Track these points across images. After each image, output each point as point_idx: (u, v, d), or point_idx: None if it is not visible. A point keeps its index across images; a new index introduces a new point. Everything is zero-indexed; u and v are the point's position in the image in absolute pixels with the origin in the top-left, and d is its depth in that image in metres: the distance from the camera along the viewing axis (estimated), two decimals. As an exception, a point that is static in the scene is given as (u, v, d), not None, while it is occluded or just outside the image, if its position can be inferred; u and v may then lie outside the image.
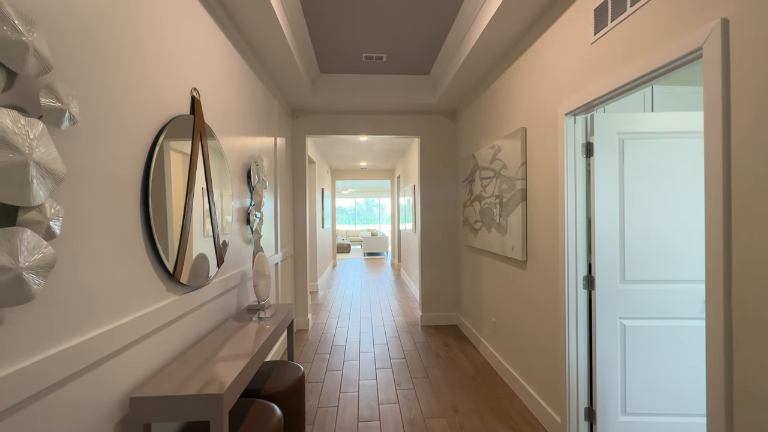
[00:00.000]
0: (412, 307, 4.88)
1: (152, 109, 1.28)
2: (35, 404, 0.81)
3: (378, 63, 3.31)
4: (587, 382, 1.88)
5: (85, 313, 0.96)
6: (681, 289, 1.79)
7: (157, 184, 1.28)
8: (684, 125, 1.79)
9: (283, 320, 1.96)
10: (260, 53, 2.51)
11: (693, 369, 1.79)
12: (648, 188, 1.80)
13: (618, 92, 1.53)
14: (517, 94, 2.49)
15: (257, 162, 2.44)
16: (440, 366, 2.98)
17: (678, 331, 1.79)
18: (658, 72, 1.31)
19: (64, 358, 0.87)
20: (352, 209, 20.77)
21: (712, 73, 1.08)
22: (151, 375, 1.24)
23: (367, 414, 2.27)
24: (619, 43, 1.50)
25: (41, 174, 0.76)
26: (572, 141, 1.88)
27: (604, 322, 1.82)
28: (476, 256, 3.42)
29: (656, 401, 1.80)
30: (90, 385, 0.97)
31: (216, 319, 1.81)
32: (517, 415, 2.25)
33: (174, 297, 1.40)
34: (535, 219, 2.24)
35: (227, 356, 1.40)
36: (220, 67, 1.93)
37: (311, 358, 3.17)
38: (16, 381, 0.76)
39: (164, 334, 1.33)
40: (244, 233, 2.27)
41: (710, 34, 1.09)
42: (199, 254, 1.61)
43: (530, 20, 2.18)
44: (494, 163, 2.83)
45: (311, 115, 3.94)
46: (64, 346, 0.88)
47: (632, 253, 1.80)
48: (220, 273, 1.87)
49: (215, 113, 1.86)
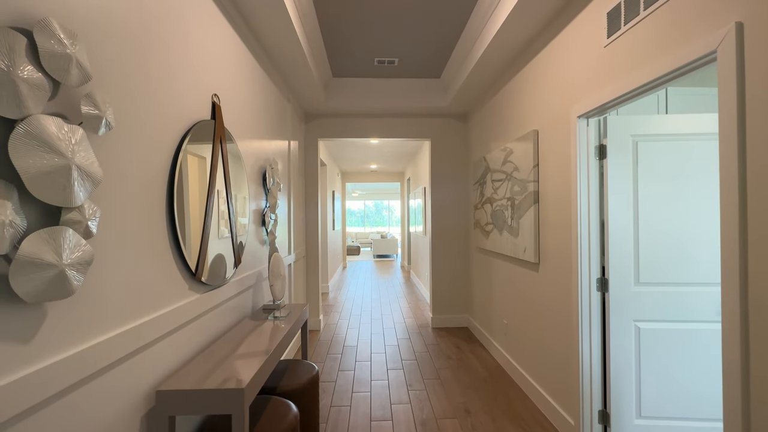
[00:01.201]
0: (423, 309, 4.88)
1: (177, 114, 1.33)
2: (72, 394, 0.86)
3: (390, 67, 3.35)
4: (601, 385, 1.87)
5: (117, 309, 1.01)
6: (697, 292, 1.77)
7: (181, 187, 1.34)
8: (698, 127, 1.78)
9: (297, 320, 2.00)
10: (275, 58, 2.57)
11: (709, 373, 1.77)
12: (662, 190, 1.79)
13: (631, 95, 1.54)
14: (528, 97, 2.50)
15: (272, 165, 2.49)
16: (451, 367, 2.98)
17: (694, 334, 1.77)
18: (671, 75, 1.32)
19: (99, 351, 0.92)
20: (362, 211, 20.84)
21: (727, 76, 1.08)
22: (175, 370, 1.29)
23: (380, 414, 2.29)
24: (633, 46, 1.51)
25: (81, 177, 0.82)
26: (585, 143, 1.89)
27: (618, 324, 1.81)
28: (487, 258, 3.42)
29: (672, 405, 1.78)
30: (120, 377, 1.02)
31: (234, 317, 1.86)
32: (529, 416, 2.25)
33: (196, 295, 1.45)
34: (547, 221, 2.24)
35: (246, 353, 1.44)
36: (238, 72, 1.99)
37: (323, 358, 3.20)
38: (57, 371, 0.81)
39: (187, 331, 1.38)
40: (259, 234, 2.32)
41: (725, 38, 1.09)
42: (218, 254, 1.67)
43: (542, 24, 2.20)
44: (506, 165, 2.84)
45: (323, 119, 4.00)
46: (99, 340, 0.94)
47: (646, 256, 1.80)
48: (237, 273, 1.92)
49: (233, 118, 1.92)
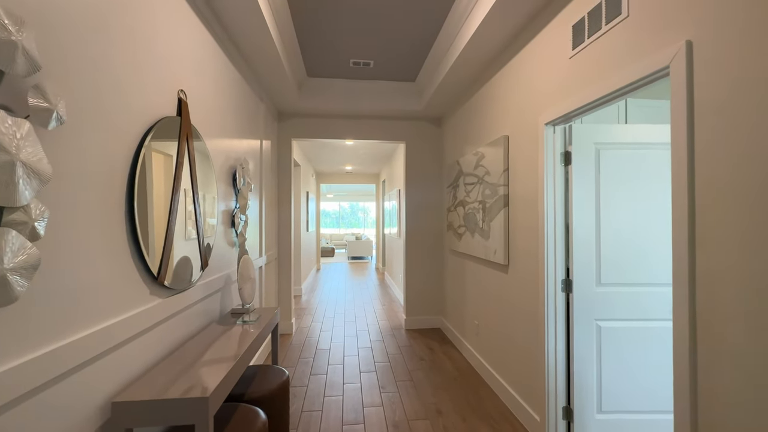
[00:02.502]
0: (397, 311, 4.90)
1: (139, 109, 1.27)
2: (9, 411, 0.80)
3: (365, 69, 3.35)
4: (565, 382, 1.95)
5: (68, 316, 0.94)
6: (651, 292, 1.88)
7: (143, 186, 1.27)
8: (655, 137, 1.89)
9: (268, 324, 1.95)
10: (248, 56, 2.51)
11: (663, 368, 1.88)
12: (621, 196, 1.89)
13: (593, 105, 1.62)
14: (500, 103, 2.57)
15: (243, 164, 2.42)
16: (424, 369, 3.01)
17: (649, 332, 1.88)
18: (630, 87, 1.40)
19: (45, 362, 0.86)
20: (337, 213, 20.68)
21: (678, 91, 1.16)
22: (134, 379, 1.22)
23: (352, 417, 2.27)
24: (596, 58, 1.59)
25: (27, 174, 0.76)
26: (552, 150, 1.96)
27: (580, 323, 1.89)
28: (460, 260, 3.48)
29: (630, 399, 1.88)
30: (71, 390, 0.95)
31: (200, 322, 1.78)
32: (498, 415, 2.30)
33: (158, 300, 1.38)
34: (516, 224, 2.31)
35: (212, 360, 1.39)
36: (208, 69, 1.93)
37: (295, 363, 3.14)
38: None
39: (148, 338, 1.31)
40: (228, 236, 2.25)
41: (676, 54, 1.17)
42: (183, 257, 1.60)
43: (513, 33, 2.27)
44: (478, 169, 2.91)
45: (297, 119, 3.94)
46: (46, 350, 0.87)
47: (607, 258, 1.89)
48: (204, 276, 1.85)
49: (202, 115, 1.85)
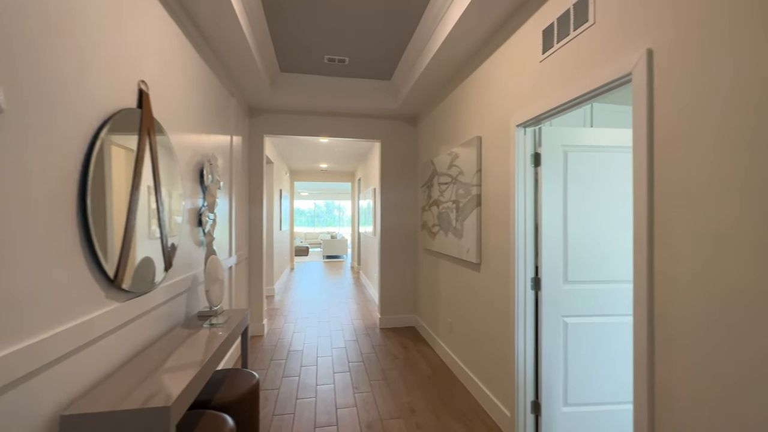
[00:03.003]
0: (371, 310, 4.89)
1: (94, 100, 1.18)
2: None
3: (340, 66, 3.30)
4: (533, 377, 2.01)
5: (9, 324, 0.86)
6: (613, 289, 1.97)
7: (98, 182, 1.19)
8: (618, 140, 1.98)
9: (237, 326, 1.88)
10: (217, 49, 2.40)
11: (624, 361, 1.98)
12: (586, 196, 1.97)
13: (562, 108, 1.67)
14: (473, 105, 2.61)
15: (211, 161, 2.33)
16: (398, 367, 3.02)
17: (612, 327, 1.97)
18: (595, 92, 1.45)
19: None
20: (312, 211, 20.39)
21: (640, 96, 1.21)
22: (88, 389, 1.14)
23: (325, 419, 2.24)
24: (564, 63, 1.64)
25: (-42, 168, 0.68)
26: (522, 151, 2.01)
27: (548, 320, 1.95)
28: (434, 259, 3.52)
29: (593, 392, 1.96)
30: (10, 404, 0.87)
31: (163, 326, 1.69)
32: (470, 412, 2.34)
33: (115, 304, 1.29)
34: (488, 223, 2.36)
35: (175, 366, 1.32)
36: (173, 60, 1.83)
37: (267, 365, 3.06)
38: None
39: (104, 345, 1.23)
40: (195, 235, 2.15)
41: (638, 62, 1.22)
42: (145, 257, 1.51)
43: (486, 36, 2.31)
44: (451, 169, 2.94)
45: (270, 115, 3.84)
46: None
47: (573, 256, 1.96)
48: (167, 277, 1.76)
49: (166, 108, 1.75)
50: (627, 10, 1.30)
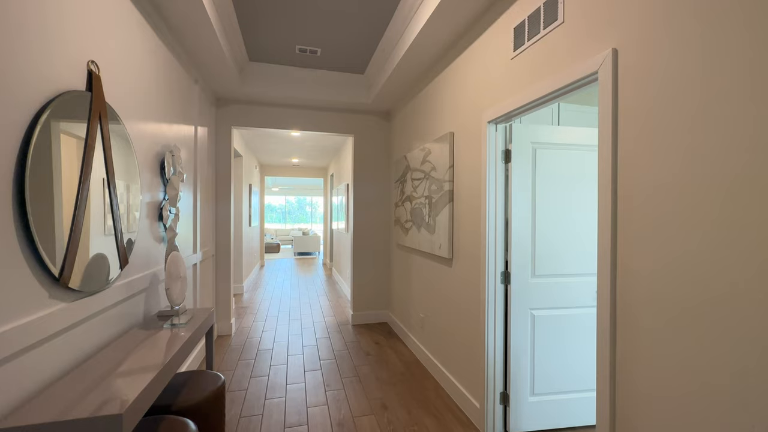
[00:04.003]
0: (344, 307, 4.85)
1: (32, 80, 1.07)
2: None
3: (312, 57, 3.22)
4: (503, 369, 2.05)
5: (-74, 329, 0.76)
6: (577, 282, 2.05)
7: (38, 172, 1.07)
8: (584, 139, 2.05)
9: (201, 326, 1.79)
10: (178, 30, 2.26)
11: (587, 351, 2.06)
12: (554, 193, 2.03)
13: (531, 105, 1.70)
14: (446, 100, 2.62)
15: (173, 152, 2.19)
16: (370, 364, 3.00)
17: (577, 319, 2.05)
18: (563, 90, 1.48)
19: None
20: (283, 207, 19.96)
21: (605, 94, 1.25)
22: (28, 398, 1.04)
23: (295, 419, 2.19)
24: (534, 61, 1.67)
25: None
26: (494, 147, 2.04)
27: (517, 313, 2.00)
28: (407, 255, 3.52)
29: (559, 381, 2.04)
30: (-67, 419, 0.77)
31: (118, 327, 1.58)
32: (442, 405, 2.37)
33: (60, 304, 1.18)
34: (460, 219, 2.38)
35: (130, 370, 1.23)
36: (128, 41, 1.70)
37: (234, 365, 2.96)
38: None
39: (48, 348, 1.12)
40: (155, 231, 2.03)
41: (603, 61, 1.26)
42: (97, 254, 1.40)
43: (459, 32, 2.31)
44: (424, 165, 2.95)
45: (238, 105, 3.69)
46: None
47: (541, 250, 2.02)
48: (123, 275, 1.64)
49: (120, 93, 1.63)
50: (594, 10, 1.33)
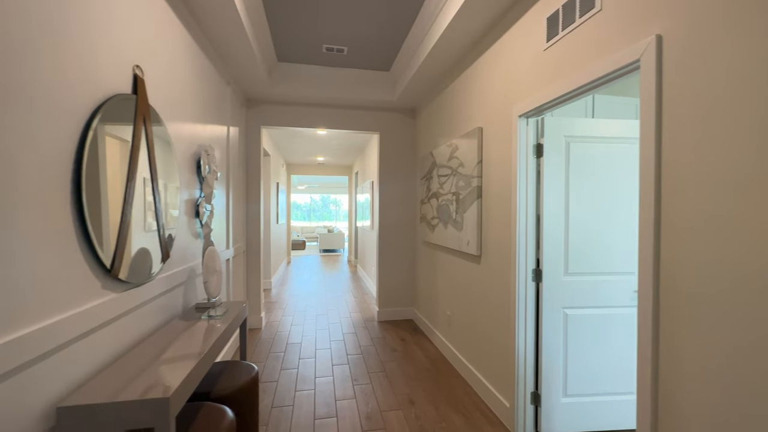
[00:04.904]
0: (369, 303, 4.89)
1: (88, 84, 1.14)
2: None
3: (339, 56, 3.25)
4: (533, 369, 2.01)
5: (4, 313, 0.83)
6: (613, 280, 1.97)
7: (92, 171, 1.15)
8: (620, 132, 1.96)
9: (236, 318, 1.86)
10: (213, 35, 2.35)
11: (623, 352, 1.98)
12: (588, 188, 1.95)
13: (566, 97, 1.64)
14: (474, 95, 2.58)
15: (208, 151, 2.28)
16: (397, 360, 3.02)
17: (612, 319, 1.97)
18: (601, 80, 1.43)
19: (-26, 366, 0.75)
20: (308, 205, 20.32)
21: (648, 83, 1.19)
22: (84, 381, 1.12)
23: (324, 411, 2.24)
24: (569, 51, 1.61)
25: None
26: (525, 142, 1.99)
27: (549, 311, 1.95)
28: (432, 252, 3.50)
29: (592, 383, 1.97)
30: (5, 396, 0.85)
31: (161, 318, 1.67)
32: (470, 403, 2.34)
33: (111, 295, 1.26)
34: (489, 215, 2.34)
35: (174, 357, 1.30)
36: (168, 46, 1.78)
37: (265, 358, 3.05)
38: None
39: (100, 336, 1.20)
40: (192, 227, 2.12)
41: (646, 48, 1.20)
42: (141, 248, 1.48)
43: (488, 24, 2.27)
44: (452, 161, 2.92)
45: (267, 105, 3.78)
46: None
47: (574, 248, 1.95)
48: (165, 269, 1.73)
49: (162, 96, 1.71)
50: (635, -4, 1.27)
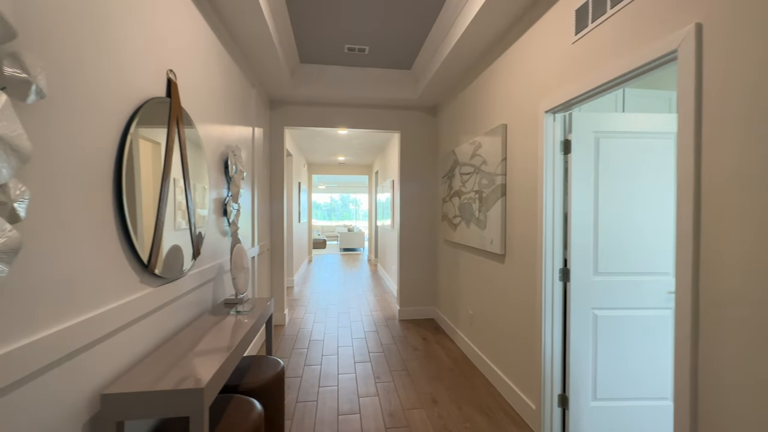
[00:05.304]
0: (390, 302, 4.90)
1: (126, 87, 1.20)
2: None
3: (360, 55, 3.27)
4: (561, 370, 1.96)
5: (51, 305, 0.89)
6: (646, 281, 1.89)
7: (131, 170, 1.21)
8: (653, 126, 1.88)
9: (262, 314, 1.91)
10: (239, 39, 2.41)
11: (656, 355, 1.90)
12: (618, 185, 1.89)
13: (596, 91, 1.59)
14: (498, 91, 2.54)
15: (235, 152, 2.35)
16: (418, 358, 3.01)
17: (643, 321, 1.90)
18: (635, 72, 1.37)
19: (27, 354, 0.81)
20: (328, 205, 20.53)
21: (686, 75, 1.14)
22: (125, 370, 1.18)
23: (347, 407, 2.26)
24: (599, 43, 1.56)
25: (4, 150, 0.70)
26: (551, 138, 1.94)
27: (577, 312, 1.90)
28: (454, 251, 3.47)
29: (624, 387, 1.90)
30: (57, 381, 0.90)
31: (192, 312, 1.73)
32: (494, 404, 2.31)
33: (148, 289, 1.32)
34: (513, 213, 2.30)
35: (205, 350, 1.35)
36: (198, 50, 1.84)
37: (289, 353, 3.11)
38: (-25, 377, 0.69)
39: (138, 328, 1.26)
40: (220, 225, 2.19)
41: (685, 38, 1.15)
42: (174, 245, 1.54)
43: (513, 19, 2.23)
44: (474, 158, 2.88)
45: (290, 106, 3.85)
46: (27, 341, 0.82)
47: (605, 247, 1.89)
48: (195, 265, 1.79)
49: (192, 98, 1.77)
50: (672, -17, 1.22)
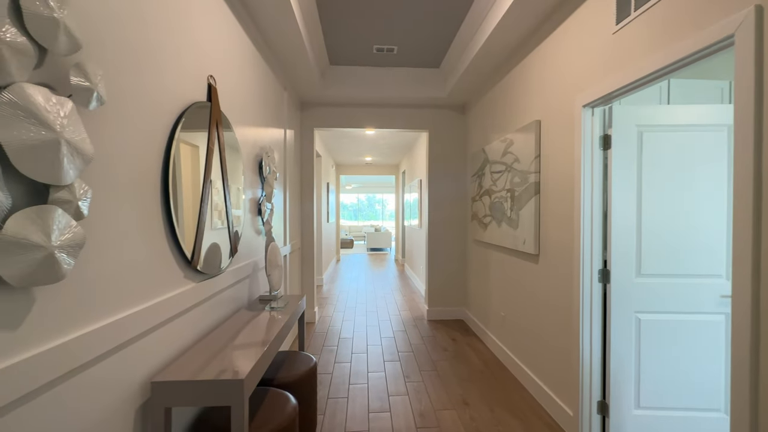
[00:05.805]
0: (418, 302, 4.88)
1: (173, 94, 1.27)
2: (61, 385, 0.81)
3: (389, 55, 3.28)
4: (600, 376, 1.87)
5: (110, 296, 0.95)
6: (696, 284, 1.77)
7: (175, 171, 1.27)
8: (701, 118, 1.76)
9: (295, 311, 1.96)
10: (273, 43, 2.49)
11: (707, 363, 1.78)
12: (664, 181, 1.78)
13: (641, 83, 1.51)
14: (531, 87, 2.46)
15: (268, 153, 2.42)
16: (448, 359, 2.98)
17: (692, 326, 1.78)
18: (684, 61, 1.29)
19: (91, 340, 0.87)
20: (354, 205, 20.73)
21: (745, 62, 1.06)
22: (171, 360, 1.24)
23: (378, 405, 2.27)
24: (643, 32, 1.48)
25: (71, 153, 0.76)
26: (589, 133, 1.86)
27: (619, 316, 1.81)
28: (484, 251, 3.41)
29: (670, 395, 1.79)
30: (113, 368, 0.97)
31: (230, 308, 1.80)
32: (527, 408, 2.25)
33: (191, 284, 1.39)
34: (548, 212, 2.22)
35: (244, 344, 1.40)
36: (235, 56, 1.92)
37: (319, 351, 3.17)
38: (46, 361, 0.75)
39: (182, 321, 1.33)
40: (255, 224, 2.26)
41: (743, 21, 1.07)
42: (213, 243, 1.61)
43: (546, 12, 2.15)
44: (506, 156, 2.81)
45: (319, 108, 3.92)
46: (91, 328, 0.88)
47: (648, 247, 1.79)
48: (233, 263, 1.87)
49: (230, 102, 1.85)
50: (727, -36, 1.13)
